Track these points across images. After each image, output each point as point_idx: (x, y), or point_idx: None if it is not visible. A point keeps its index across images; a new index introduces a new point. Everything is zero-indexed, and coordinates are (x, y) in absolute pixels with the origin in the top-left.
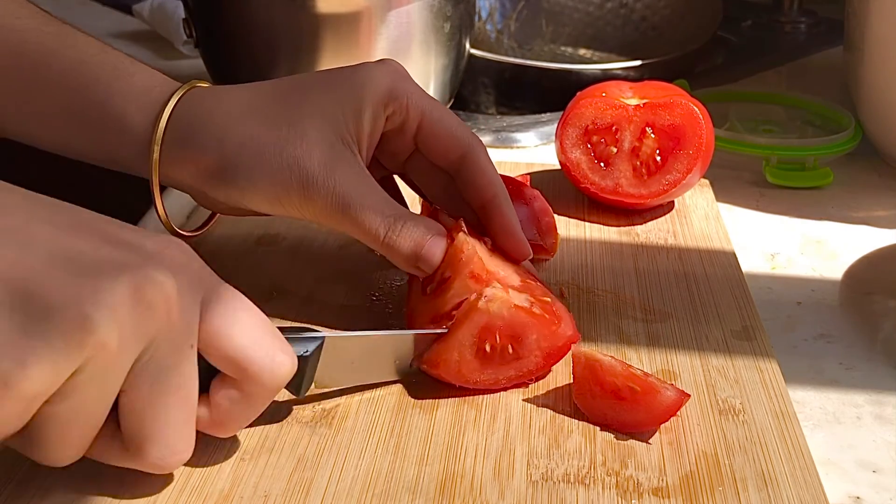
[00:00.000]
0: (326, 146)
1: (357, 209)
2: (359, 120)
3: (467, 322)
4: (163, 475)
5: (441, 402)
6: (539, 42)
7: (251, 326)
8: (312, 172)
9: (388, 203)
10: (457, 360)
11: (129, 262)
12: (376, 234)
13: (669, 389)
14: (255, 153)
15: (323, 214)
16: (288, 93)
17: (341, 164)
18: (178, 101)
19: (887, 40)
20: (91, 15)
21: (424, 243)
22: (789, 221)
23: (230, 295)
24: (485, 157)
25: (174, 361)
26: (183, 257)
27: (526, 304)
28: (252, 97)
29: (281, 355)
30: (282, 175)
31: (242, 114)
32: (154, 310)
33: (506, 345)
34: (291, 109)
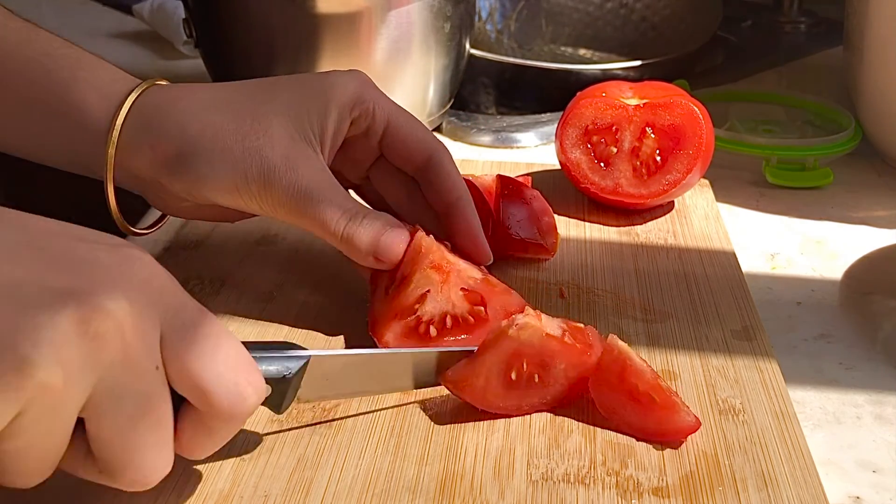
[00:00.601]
0: (289, 140)
1: (317, 202)
2: (323, 120)
3: (496, 348)
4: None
5: (441, 402)
6: (539, 42)
7: (215, 354)
8: (274, 163)
9: (347, 198)
10: (483, 385)
11: (75, 288)
12: (336, 227)
13: (689, 414)
14: (217, 140)
15: (282, 207)
16: (254, 91)
17: (303, 159)
18: (142, 92)
19: (887, 40)
20: (91, 15)
21: (382, 235)
22: (789, 221)
23: (195, 314)
24: (449, 161)
25: (138, 387)
26: (144, 272)
27: (558, 333)
28: (217, 93)
29: (247, 387)
30: (243, 164)
31: (206, 105)
32: (103, 340)
33: (532, 373)
34: (257, 105)
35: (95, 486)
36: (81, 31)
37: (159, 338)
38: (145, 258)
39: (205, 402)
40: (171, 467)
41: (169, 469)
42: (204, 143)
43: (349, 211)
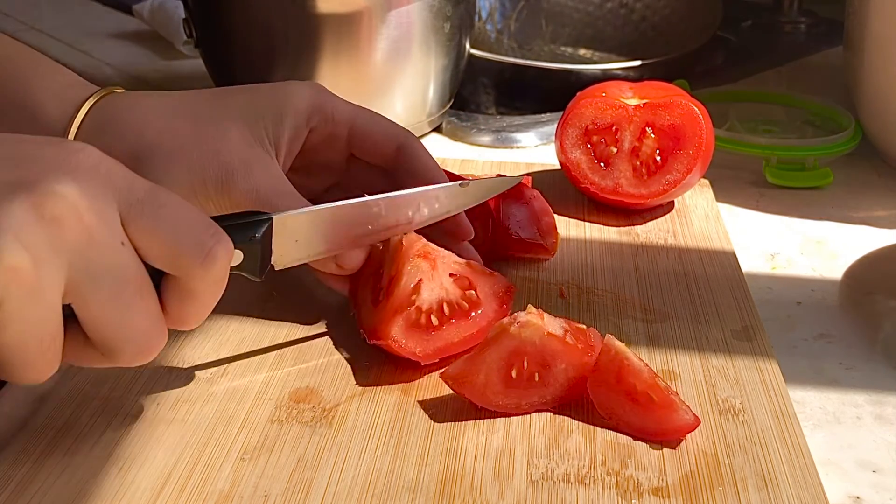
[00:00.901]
0: (246, 145)
1: (274, 206)
2: (278, 128)
3: (497, 345)
4: (162, 475)
5: (441, 402)
6: (539, 42)
7: (175, 219)
8: (232, 166)
9: (303, 202)
10: (483, 381)
11: (24, 179)
12: None
13: (687, 413)
14: (174, 144)
15: (238, 209)
16: (210, 98)
17: (259, 164)
18: (100, 98)
19: (887, 40)
20: (91, 15)
21: None
22: (789, 221)
23: (148, 190)
24: (419, 147)
25: (110, 262)
26: (89, 160)
27: (559, 332)
28: (173, 100)
29: (215, 246)
30: (200, 166)
31: (164, 110)
32: (62, 221)
33: (533, 371)
34: (214, 111)
35: (96, 488)
36: (81, 31)
37: (118, 217)
38: (88, 148)
39: (177, 265)
40: (165, 338)
41: (164, 339)
42: (161, 146)
43: None
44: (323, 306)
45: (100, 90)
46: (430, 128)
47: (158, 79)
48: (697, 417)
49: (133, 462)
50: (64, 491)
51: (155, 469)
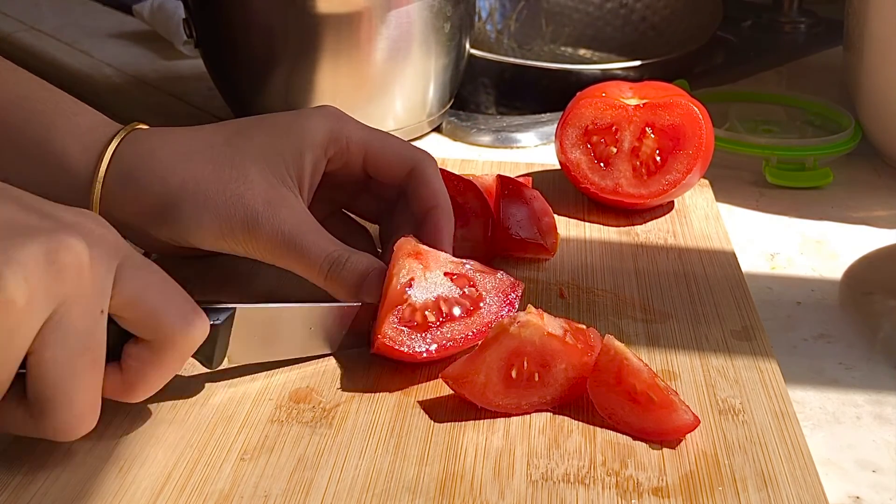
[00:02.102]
0: (268, 186)
1: (301, 246)
2: (299, 164)
3: (496, 345)
4: (162, 475)
5: (441, 402)
6: (539, 42)
7: (164, 290)
8: (256, 210)
9: (330, 240)
10: (483, 381)
11: (44, 227)
12: (320, 269)
13: (687, 412)
14: (198, 191)
15: (267, 251)
16: (230, 137)
17: (284, 204)
18: (121, 141)
19: (887, 40)
20: (91, 15)
21: (366, 278)
22: (789, 221)
23: (145, 262)
24: (431, 171)
25: (84, 326)
26: (99, 229)
27: (559, 332)
28: (194, 140)
29: (193, 316)
30: (226, 212)
31: (185, 154)
32: (65, 272)
33: (533, 371)
34: (234, 152)
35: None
36: (81, 31)
37: (111, 283)
38: (99, 218)
39: (157, 328)
40: (95, 421)
41: (94, 421)
42: (186, 194)
43: (332, 255)
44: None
45: (121, 131)
46: (430, 128)
47: (158, 79)
48: (697, 417)
49: (133, 462)
50: (64, 491)
51: (155, 469)
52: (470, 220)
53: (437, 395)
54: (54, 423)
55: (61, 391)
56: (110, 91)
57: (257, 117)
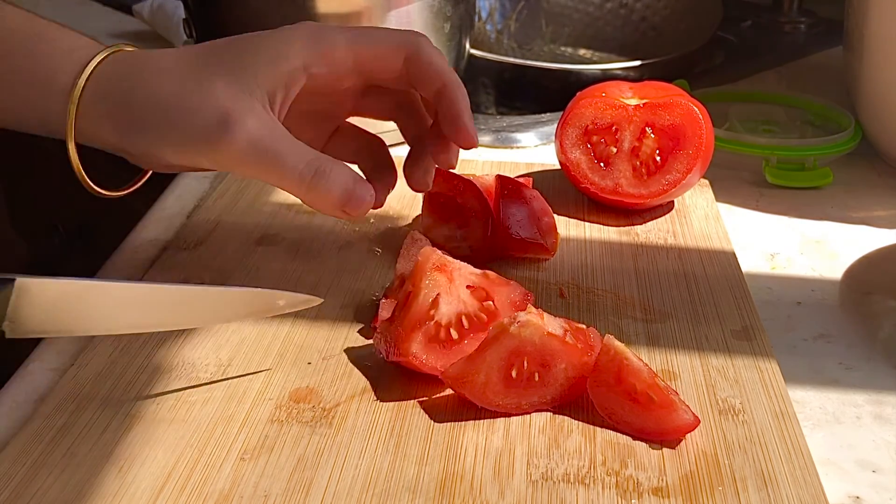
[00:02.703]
0: (232, 96)
1: (275, 152)
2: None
3: (496, 345)
4: (162, 475)
5: (441, 402)
6: (539, 42)
7: None
8: (220, 117)
9: (307, 148)
10: (483, 381)
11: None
12: (301, 177)
13: (686, 412)
14: (159, 104)
15: (236, 160)
16: (202, 55)
17: (250, 111)
18: (101, 60)
19: (887, 40)
20: (91, 15)
21: (352, 186)
22: (789, 221)
23: None
24: (428, 49)
25: None
26: None
27: (559, 332)
28: (171, 60)
29: None
30: (187, 121)
31: (157, 73)
32: None
33: (533, 371)
34: (201, 68)
35: (97, 488)
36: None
37: None
38: None
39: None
40: None
41: None
42: (149, 108)
43: (313, 161)
44: (323, 307)
45: (103, 50)
46: None
47: None
48: (697, 417)
49: (133, 462)
50: (64, 491)
51: (155, 469)
52: (470, 220)
53: (437, 395)
54: None
55: None
56: None
57: (235, 37)
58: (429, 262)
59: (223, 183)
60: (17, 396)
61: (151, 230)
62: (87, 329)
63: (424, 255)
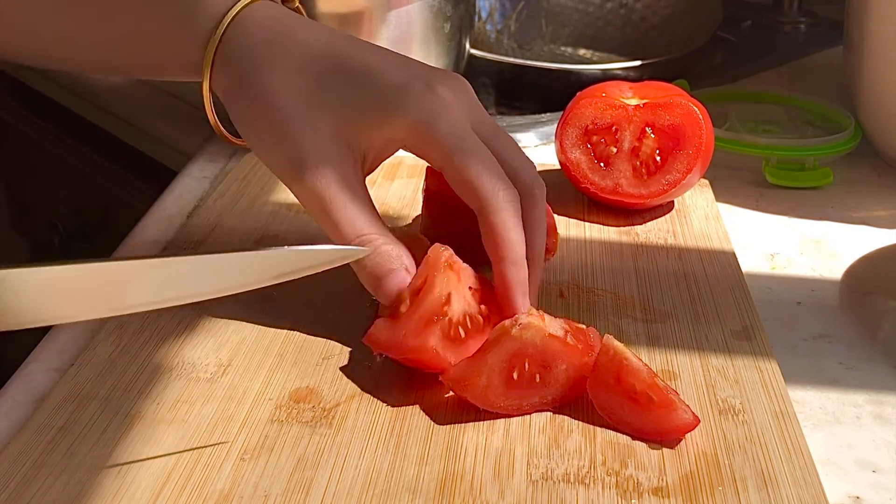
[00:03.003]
0: (328, 140)
1: (336, 215)
2: (370, 139)
3: (498, 347)
4: (162, 475)
5: (441, 402)
6: (539, 42)
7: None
8: (304, 159)
9: (370, 219)
10: (484, 384)
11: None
12: (347, 242)
13: (686, 412)
14: (262, 116)
15: (306, 205)
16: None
17: (334, 163)
18: (235, 17)
19: (887, 40)
20: None
21: (386, 276)
22: (789, 221)
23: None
24: (495, 219)
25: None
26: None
27: (560, 333)
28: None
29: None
30: (276, 146)
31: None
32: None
33: (534, 373)
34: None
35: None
36: None
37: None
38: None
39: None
40: None
41: None
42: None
43: (364, 237)
44: (323, 307)
45: (236, 5)
46: None
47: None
48: (697, 417)
49: (133, 462)
50: (64, 491)
51: (155, 469)
52: (470, 220)
53: (438, 395)
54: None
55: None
56: (110, 91)
57: (370, 60)
58: (441, 259)
59: (223, 183)
60: (17, 396)
61: (151, 230)
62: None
63: (436, 252)
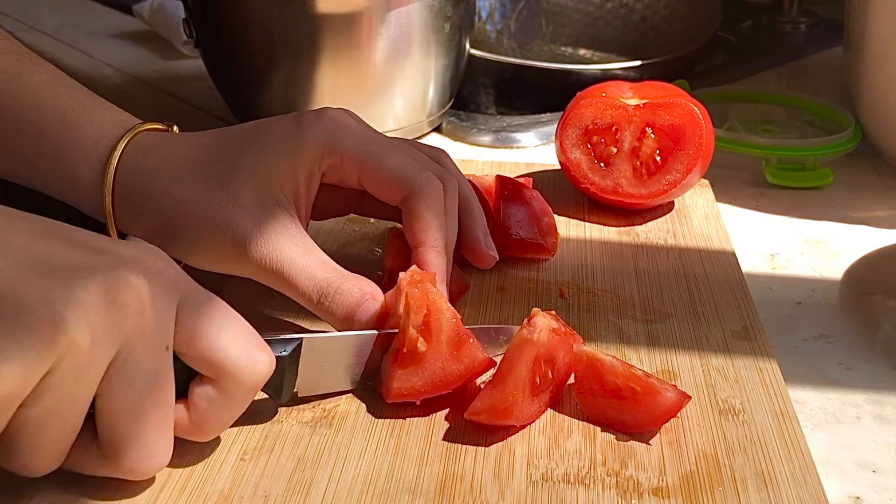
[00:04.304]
0: (260, 209)
1: (290, 275)
2: (294, 181)
3: (522, 357)
4: (162, 475)
5: (441, 402)
6: (539, 42)
7: (227, 325)
8: (245, 237)
9: (322, 266)
10: (520, 400)
11: (102, 264)
12: (309, 300)
13: (670, 391)
14: (189, 216)
15: (259, 277)
16: (223, 153)
17: (275, 228)
18: (122, 154)
19: (887, 40)
20: (91, 15)
21: (356, 309)
22: (789, 221)
23: (206, 297)
24: (426, 202)
25: (150, 363)
26: (159, 263)
27: (556, 324)
28: (189, 157)
29: (258, 353)
30: (216, 240)
31: (179, 174)
32: (127, 311)
33: (546, 371)
34: (226, 172)
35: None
36: (81, 31)
37: (173, 320)
38: (160, 252)
39: (221, 366)
40: (169, 457)
41: (167, 458)
42: (178, 219)
43: (320, 284)
44: None
45: (123, 138)
46: (430, 128)
47: (158, 79)
48: (684, 393)
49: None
50: (64, 491)
51: None
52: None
53: (437, 395)
54: (128, 463)
55: (132, 430)
56: (110, 91)
57: (253, 125)
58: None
59: None
60: None
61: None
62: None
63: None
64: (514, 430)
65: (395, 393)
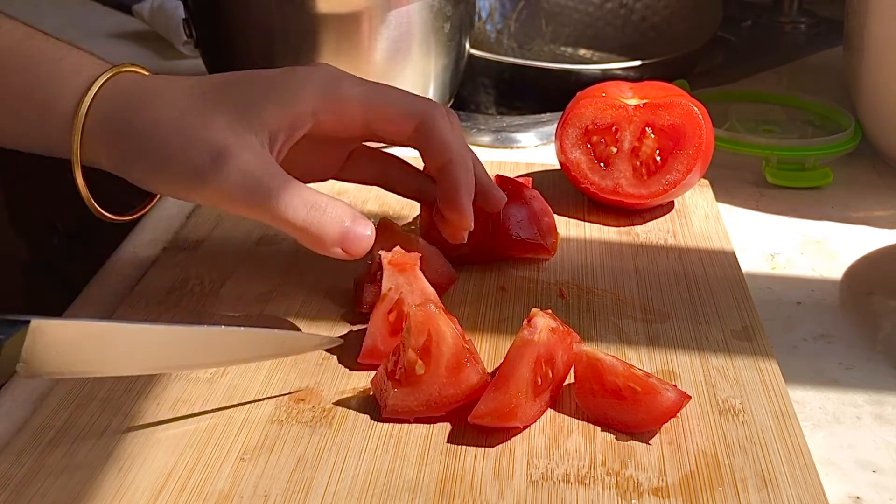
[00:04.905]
0: (231, 132)
1: (268, 190)
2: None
3: (524, 359)
4: (162, 475)
5: None
6: (539, 42)
7: None
8: (215, 151)
9: (301, 185)
10: (524, 401)
11: None
12: (294, 212)
13: (670, 390)
14: (159, 135)
15: (232, 197)
16: (209, 89)
17: (247, 147)
18: (104, 84)
19: (887, 40)
20: (91, 15)
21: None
22: (789, 221)
23: None
24: (440, 123)
25: None
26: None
27: (554, 323)
28: (177, 91)
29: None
30: (182, 155)
31: (160, 103)
32: None
33: (546, 370)
34: (205, 102)
35: (96, 489)
36: (81, 31)
37: None
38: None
39: None
40: None
41: None
42: (148, 138)
43: (308, 199)
44: (322, 308)
45: (107, 72)
46: None
47: None
48: (684, 393)
49: (133, 462)
50: (64, 491)
51: (155, 469)
52: None
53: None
54: None
55: None
56: None
57: (247, 72)
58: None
59: None
60: (17, 396)
61: (151, 230)
62: (103, 371)
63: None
64: (516, 431)
65: (390, 410)
